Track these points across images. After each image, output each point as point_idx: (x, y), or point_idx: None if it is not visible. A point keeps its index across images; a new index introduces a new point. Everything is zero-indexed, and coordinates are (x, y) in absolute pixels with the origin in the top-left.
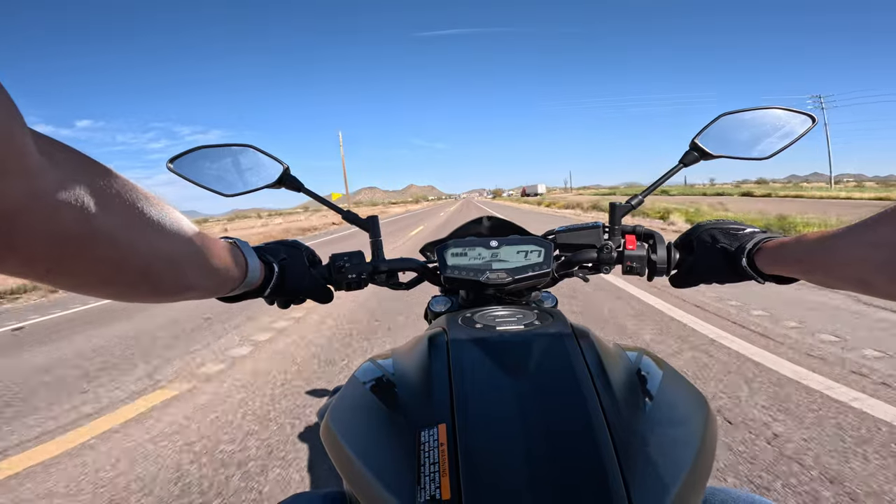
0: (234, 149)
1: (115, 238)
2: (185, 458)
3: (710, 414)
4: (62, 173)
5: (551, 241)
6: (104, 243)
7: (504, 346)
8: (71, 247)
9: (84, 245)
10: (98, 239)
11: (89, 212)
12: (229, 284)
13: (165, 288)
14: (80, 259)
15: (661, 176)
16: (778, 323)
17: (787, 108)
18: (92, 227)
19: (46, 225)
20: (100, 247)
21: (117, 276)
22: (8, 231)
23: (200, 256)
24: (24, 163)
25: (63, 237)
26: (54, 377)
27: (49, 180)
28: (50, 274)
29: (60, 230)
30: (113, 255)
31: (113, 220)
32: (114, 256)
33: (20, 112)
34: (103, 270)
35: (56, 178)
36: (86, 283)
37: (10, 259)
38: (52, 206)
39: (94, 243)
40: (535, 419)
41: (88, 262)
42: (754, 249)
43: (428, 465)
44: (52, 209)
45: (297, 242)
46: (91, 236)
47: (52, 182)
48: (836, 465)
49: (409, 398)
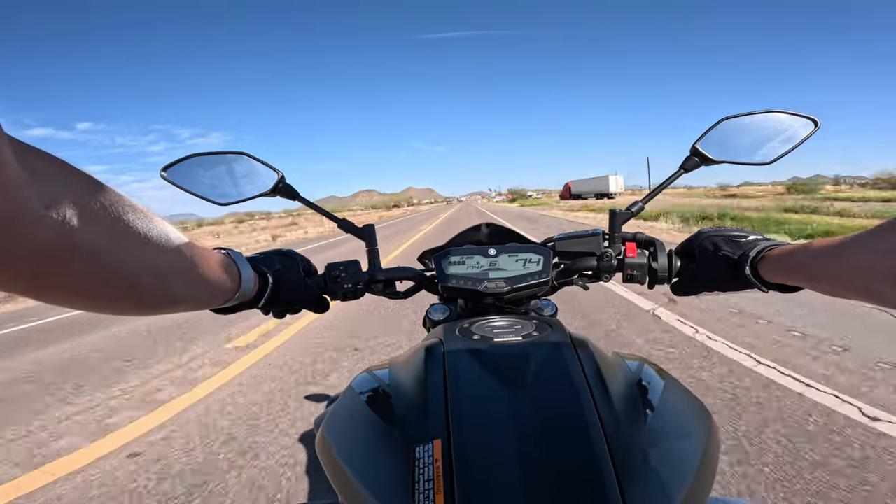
0: (229, 156)
1: (100, 251)
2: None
3: (712, 425)
4: (44, 185)
5: (550, 248)
6: (88, 256)
7: (501, 359)
8: (54, 260)
9: (68, 259)
10: (82, 252)
11: (72, 225)
12: (222, 296)
13: (153, 301)
14: (63, 273)
15: (661, 182)
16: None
17: (790, 112)
18: (75, 241)
19: (28, 238)
20: (84, 260)
21: (103, 290)
22: None
23: (190, 268)
24: (1, 174)
25: (46, 251)
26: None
27: (30, 192)
28: (32, 288)
29: (43, 243)
30: (97, 269)
31: (97, 233)
32: (98, 270)
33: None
34: (88, 284)
35: (37, 190)
36: (70, 297)
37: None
38: (33, 219)
39: (78, 257)
40: (532, 435)
41: (72, 276)
42: (758, 258)
43: (422, 482)
44: (34, 222)
45: (292, 252)
46: (75, 250)
47: (33, 194)
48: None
49: (405, 412)
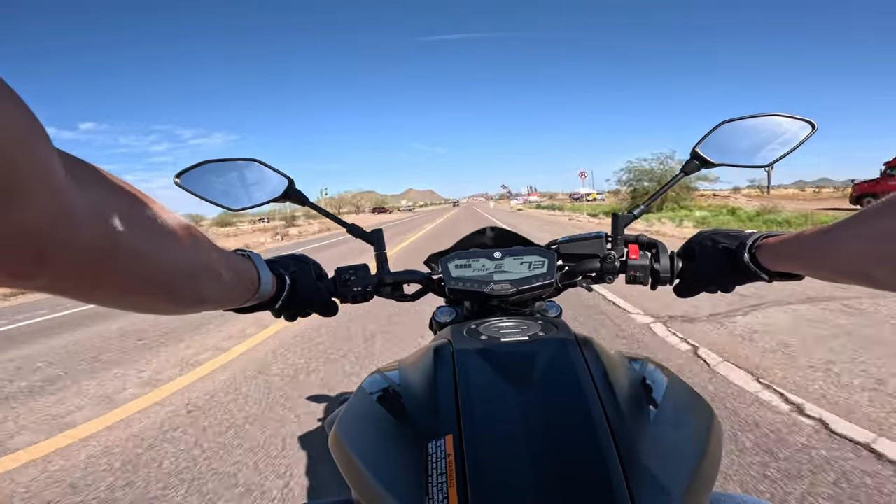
0: (240, 163)
1: (140, 253)
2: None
3: (715, 422)
4: (89, 191)
5: (554, 251)
6: (130, 259)
7: (508, 357)
8: (98, 263)
9: (111, 261)
10: (124, 255)
11: (115, 229)
12: (242, 297)
13: (185, 301)
14: (106, 274)
15: (663, 185)
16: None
17: (788, 115)
18: (118, 244)
19: (77, 243)
20: (126, 262)
21: (142, 290)
22: (37, 248)
23: (217, 270)
24: (53, 182)
25: (91, 254)
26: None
27: (77, 199)
28: (77, 289)
29: (90, 248)
30: (138, 270)
31: (137, 236)
32: (139, 271)
33: (45, 130)
34: (129, 284)
35: (82, 196)
36: (110, 297)
37: (43, 276)
38: (81, 224)
39: (121, 259)
40: (540, 430)
41: (115, 277)
42: (755, 245)
43: (435, 476)
44: (82, 227)
45: (304, 256)
46: (117, 252)
47: (80, 200)
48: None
49: (416, 409)
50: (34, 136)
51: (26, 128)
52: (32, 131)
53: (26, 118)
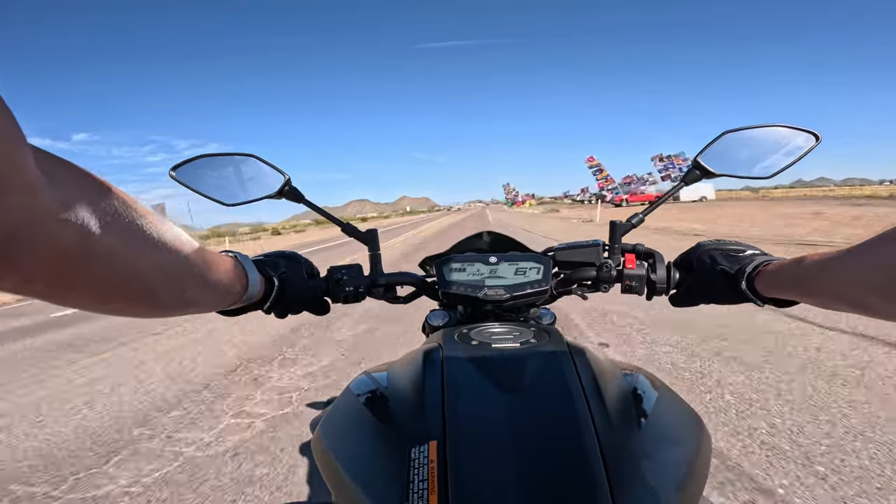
0: (237, 158)
1: (115, 255)
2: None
3: (704, 433)
4: (63, 190)
5: (550, 258)
6: (104, 261)
7: (499, 363)
8: (71, 264)
9: (84, 263)
10: (98, 256)
11: (90, 229)
12: (230, 299)
13: (166, 304)
14: (80, 277)
15: (663, 194)
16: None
17: (791, 126)
18: (92, 245)
19: (47, 242)
20: (100, 264)
21: (118, 294)
22: (7, 248)
23: (201, 272)
24: (23, 179)
25: (63, 255)
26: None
27: (49, 197)
28: (49, 291)
29: (61, 248)
30: (113, 273)
31: (113, 238)
32: (114, 274)
33: (20, 127)
34: (103, 288)
35: (56, 195)
36: (85, 301)
37: (10, 276)
38: (52, 224)
39: (95, 261)
40: (526, 439)
41: (89, 280)
42: (754, 273)
43: (417, 482)
44: (53, 226)
45: (295, 254)
46: (91, 254)
47: (52, 199)
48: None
49: (402, 414)
50: (7, 131)
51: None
52: (5, 124)
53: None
